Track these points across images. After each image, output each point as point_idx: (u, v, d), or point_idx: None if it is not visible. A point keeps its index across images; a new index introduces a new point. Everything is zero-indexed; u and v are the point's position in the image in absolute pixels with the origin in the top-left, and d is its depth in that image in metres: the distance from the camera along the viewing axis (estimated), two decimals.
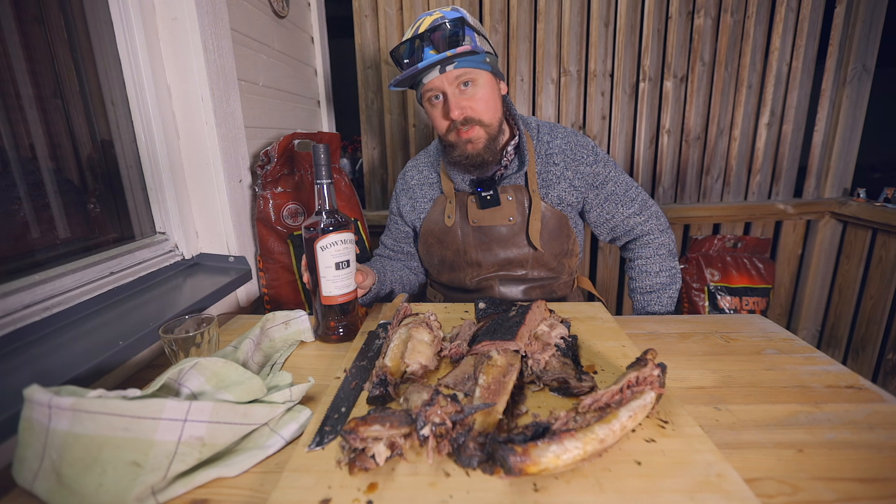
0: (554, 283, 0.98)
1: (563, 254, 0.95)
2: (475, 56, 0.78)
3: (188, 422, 0.43)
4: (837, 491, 0.43)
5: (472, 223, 0.91)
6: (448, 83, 0.78)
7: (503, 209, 0.89)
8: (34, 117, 0.70)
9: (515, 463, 0.38)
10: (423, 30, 0.77)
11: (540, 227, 0.90)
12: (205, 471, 0.44)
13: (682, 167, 1.74)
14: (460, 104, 0.80)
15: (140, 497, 0.40)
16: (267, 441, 0.48)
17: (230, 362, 0.51)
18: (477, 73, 0.79)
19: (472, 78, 0.79)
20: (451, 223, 0.93)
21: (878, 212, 1.52)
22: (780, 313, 1.84)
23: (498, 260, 0.94)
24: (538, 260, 0.93)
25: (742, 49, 1.62)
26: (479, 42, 0.79)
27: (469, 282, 0.97)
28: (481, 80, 0.80)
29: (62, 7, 0.76)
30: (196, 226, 0.98)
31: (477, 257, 0.94)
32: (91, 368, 0.56)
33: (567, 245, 0.94)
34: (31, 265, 0.68)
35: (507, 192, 0.89)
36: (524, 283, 0.96)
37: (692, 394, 0.59)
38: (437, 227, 0.95)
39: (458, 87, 0.79)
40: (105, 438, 0.40)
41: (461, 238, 0.93)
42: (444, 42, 0.75)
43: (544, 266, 0.94)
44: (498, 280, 0.97)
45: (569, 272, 0.99)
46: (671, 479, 0.41)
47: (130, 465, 0.40)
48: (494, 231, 0.91)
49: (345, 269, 0.71)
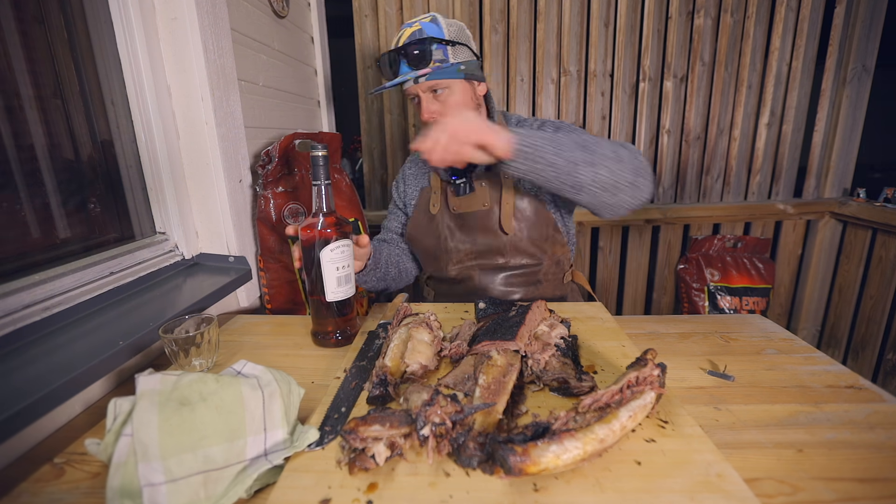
0: (538, 272, 0.97)
1: (544, 239, 0.95)
2: (447, 69, 0.85)
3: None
4: (837, 491, 0.43)
5: (453, 210, 0.97)
6: (421, 90, 0.87)
7: (478, 196, 0.94)
8: (34, 117, 0.70)
9: (515, 463, 0.38)
10: (402, 44, 0.85)
11: (512, 211, 0.92)
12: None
13: (682, 167, 1.73)
14: (430, 109, 0.87)
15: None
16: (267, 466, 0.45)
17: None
18: (449, 83, 0.86)
19: (445, 86, 0.86)
20: (435, 211, 0.99)
21: (877, 212, 1.52)
22: (780, 313, 1.84)
23: (476, 247, 0.96)
24: (515, 246, 0.94)
25: (742, 49, 1.62)
26: (451, 54, 0.85)
27: (450, 270, 1.00)
28: (454, 88, 0.87)
29: (62, 7, 0.76)
30: (196, 226, 0.98)
31: (455, 244, 0.98)
32: (91, 368, 0.56)
33: (547, 231, 0.95)
34: (31, 265, 0.68)
35: (482, 179, 0.94)
36: (504, 270, 0.97)
37: (692, 394, 0.59)
38: (423, 217, 1.01)
39: (430, 93, 0.87)
40: None
41: (443, 225, 0.99)
42: (416, 59, 0.83)
43: (523, 253, 0.95)
44: (478, 269, 0.98)
45: (554, 260, 0.98)
46: (671, 479, 0.41)
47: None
48: (472, 217, 0.95)
49: (340, 272, 0.70)
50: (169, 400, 0.43)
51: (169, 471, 0.39)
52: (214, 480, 0.41)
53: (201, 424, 0.42)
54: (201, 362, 0.66)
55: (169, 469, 0.39)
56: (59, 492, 0.45)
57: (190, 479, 0.40)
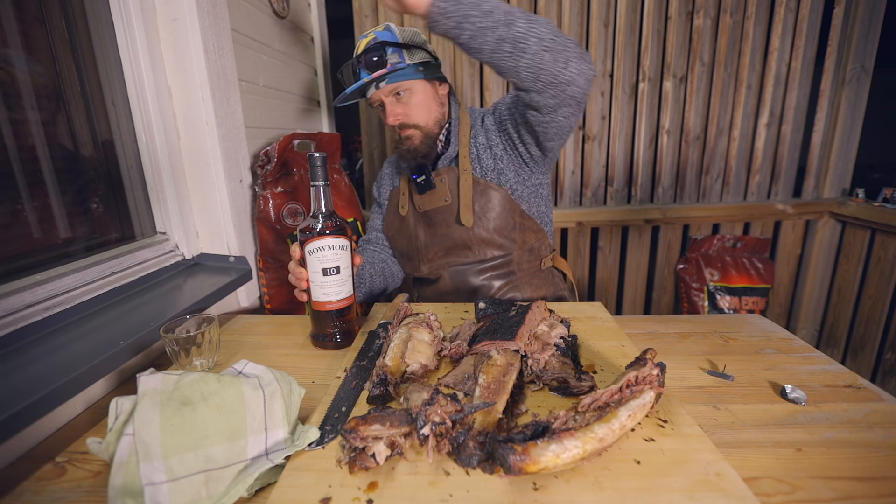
0: (509, 263, 0.96)
1: (511, 229, 0.94)
2: (404, 70, 0.87)
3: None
4: (836, 490, 0.43)
5: (419, 209, 0.97)
6: (384, 95, 0.89)
7: (438, 192, 0.95)
8: (35, 118, 0.70)
9: (515, 462, 0.38)
10: (358, 53, 0.88)
11: (470, 203, 0.92)
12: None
13: (681, 167, 1.74)
14: (395, 112, 0.89)
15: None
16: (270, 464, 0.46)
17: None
18: (409, 84, 0.88)
19: (406, 88, 0.88)
20: (404, 213, 1.00)
21: (876, 212, 1.52)
22: (780, 313, 1.84)
23: (444, 245, 0.96)
24: (482, 239, 0.94)
25: (741, 49, 1.62)
26: (407, 56, 0.87)
27: (423, 269, 1.00)
28: (415, 88, 0.89)
29: (63, 8, 0.76)
30: (196, 226, 0.98)
31: (425, 243, 0.98)
32: (92, 368, 0.56)
33: (513, 219, 0.93)
34: (33, 265, 0.68)
35: (441, 175, 0.95)
36: (475, 265, 0.96)
37: (691, 393, 0.59)
38: (394, 218, 1.03)
39: (393, 97, 0.89)
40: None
41: (412, 225, 1.00)
42: (374, 64, 0.85)
43: (490, 244, 0.94)
44: (447, 266, 0.98)
45: (526, 248, 0.96)
46: (670, 478, 0.41)
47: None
48: (436, 214, 0.96)
49: (334, 275, 0.69)
50: (170, 399, 0.43)
51: (170, 470, 0.39)
52: (216, 479, 0.41)
53: (202, 424, 0.42)
54: (202, 362, 0.66)
55: (170, 468, 0.39)
56: (61, 490, 0.45)
57: (191, 478, 0.40)
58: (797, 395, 0.57)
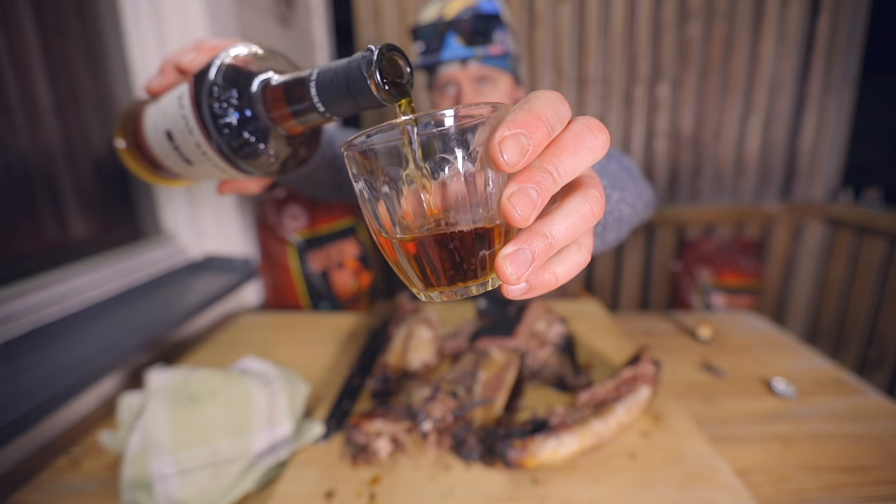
0: None
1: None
2: (505, 56, 0.72)
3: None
4: (821, 479, 0.45)
5: None
6: (467, 79, 0.72)
7: None
8: (50, 122, 0.71)
9: (514, 457, 0.39)
10: (451, 17, 0.70)
11: None
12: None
13: (675, 169, 1.77)
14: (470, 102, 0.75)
15: None
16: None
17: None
18: (499, 74, 0.73)
19: (494, 78, 0.73)
20: None
21: (863, 214, 1.57)
22: (770, 311, 1.88)
23: None
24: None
25: (733, 56, 1.66)
26: (510, 43, 0.73)
27: None
28: (500, 83, 0.74)
29: (79, 18, 0.77)
30: (205, 227, 0.99)
31: None
32: (104, 365, 0.57)
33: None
34: (47, 264, 0.68)
35: None
36: None
37: (685, 389, 0.61)
38: None
39: (476, 84, 0.73)
40: None
41: None
42: (475, 35, 0.69)
43: None
44: None
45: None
46: (665, 471, 0.42)
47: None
48: None
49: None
50: (179, 395, 0.44)
51: (179, 464, 0.40)
52: (223, 473, 0.42)
53: (210, 419, 0.43)
54: None
55: (179, 462, 0.40)
56: (77, 481, 0.46)
57: (200, 471, 0.41)
58: (786, 389, 0.59)
